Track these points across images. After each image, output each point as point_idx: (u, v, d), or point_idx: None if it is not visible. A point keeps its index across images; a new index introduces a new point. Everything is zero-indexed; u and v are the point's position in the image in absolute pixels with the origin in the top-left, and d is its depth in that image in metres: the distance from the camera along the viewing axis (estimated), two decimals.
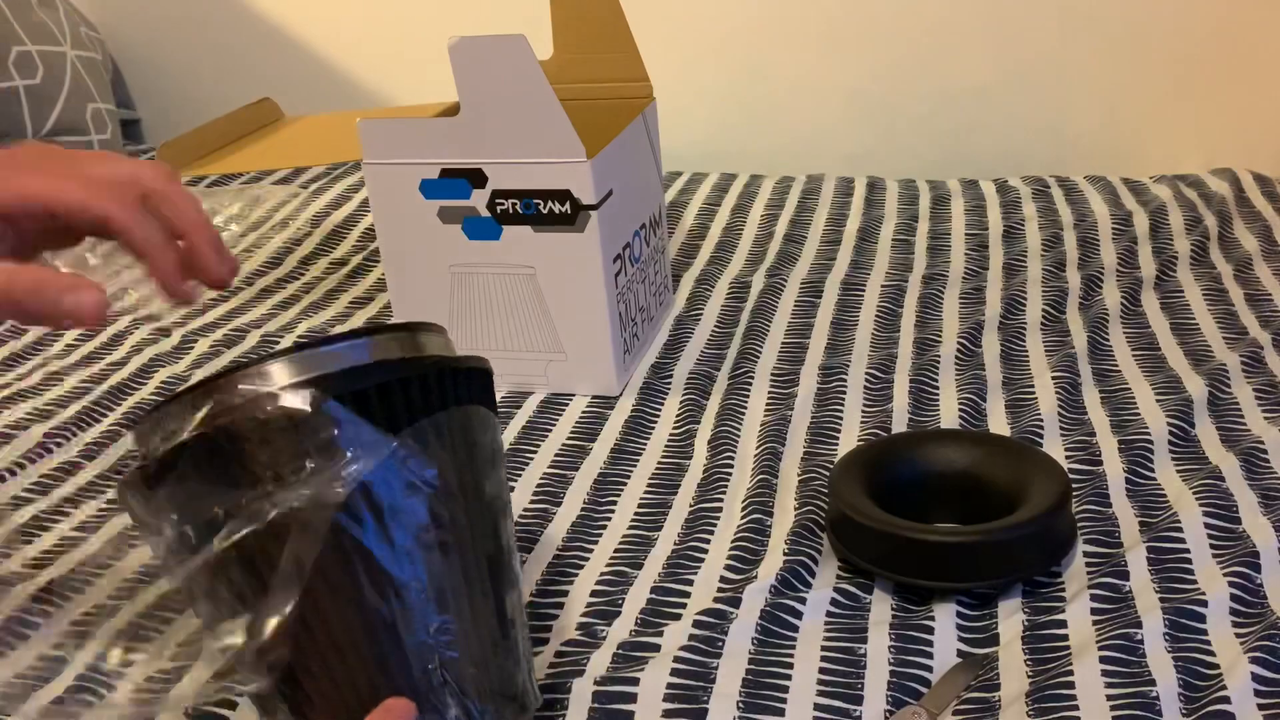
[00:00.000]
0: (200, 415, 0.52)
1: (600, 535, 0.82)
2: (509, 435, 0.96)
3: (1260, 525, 0.76)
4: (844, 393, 0.99)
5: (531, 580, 0.77)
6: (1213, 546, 0.75)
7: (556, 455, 0.92)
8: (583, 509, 0.85)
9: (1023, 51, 1.57)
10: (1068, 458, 0.87)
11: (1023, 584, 0.74)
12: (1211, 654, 0.66)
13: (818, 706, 0.65)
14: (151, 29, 1.90)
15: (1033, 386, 0.98)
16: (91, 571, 0.79)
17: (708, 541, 0.80)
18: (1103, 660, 0.65)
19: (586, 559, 0.79)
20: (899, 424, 0.94)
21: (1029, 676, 0.66)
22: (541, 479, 0.89)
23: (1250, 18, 1.49)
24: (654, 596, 0.75)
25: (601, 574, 0.78)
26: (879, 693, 0.66)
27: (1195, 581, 0.72)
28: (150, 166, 0.60)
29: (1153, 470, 0.85)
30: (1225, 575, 0.71)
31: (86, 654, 0.71)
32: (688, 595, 0.75)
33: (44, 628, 0.74)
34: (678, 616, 0.73)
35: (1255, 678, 0.63)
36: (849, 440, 0.92)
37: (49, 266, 0.53)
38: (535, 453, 0.93)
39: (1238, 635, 0.67)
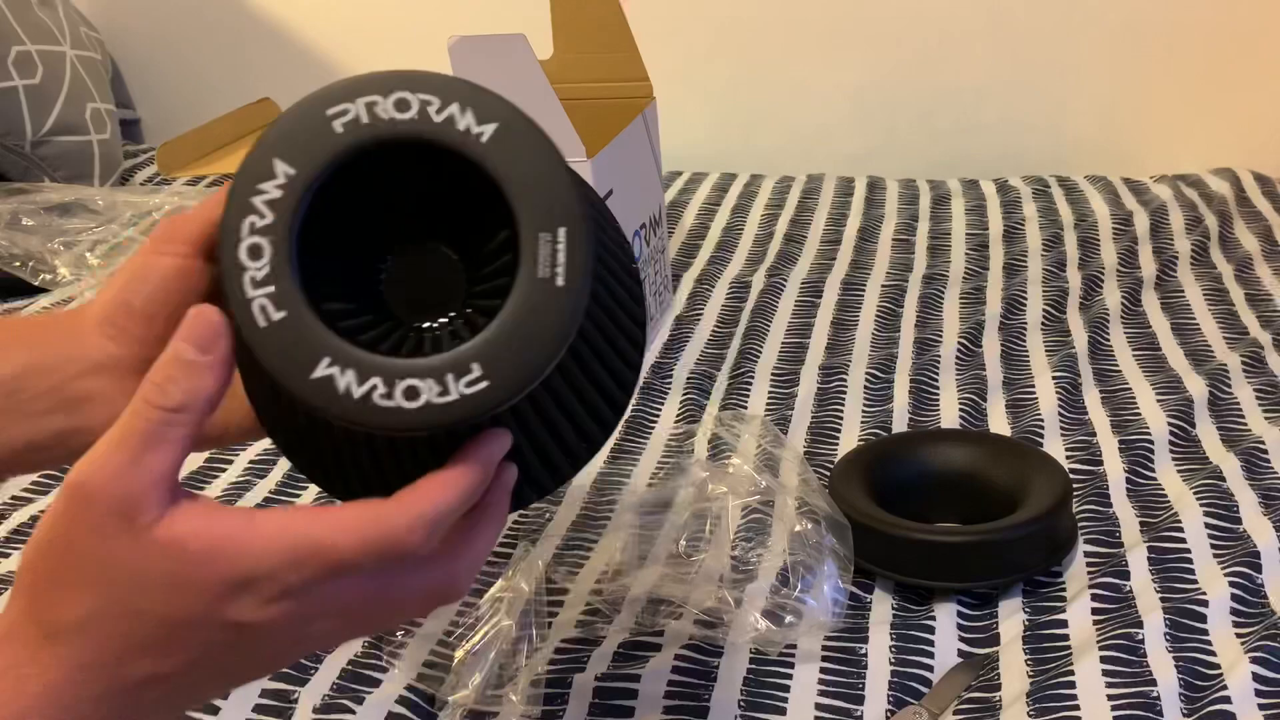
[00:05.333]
0: None
1: (601, 534, 0.82)
2: None
3: (1261, 525, 0.76)
4: (844, 393, 0.99)
5: (534, 578, 0.77)
6: (1213, 546, 0.75)
7: None
8: (583, 508, 0.85)
9: (1023, 51, 1.57)
10: (1068, 458, 0.87)
11: (1023, 584, 0.74)
12: (1212, 654, 0.66)
13: (819, 706, 0.65)
14: (151, 29, 1.90)
15: (1033, 386, 0.97)
16: None
17: (708, 540, 0.80)
18: (1103, 660, 0.65)
19: (587, 558, 0.79)
20: (899, 424, 0.94)
21: (1030, 676, 0.66)
22: None
23: (1250, 17, 1.49)
24: (655, 594, 0.75)
25: (603, 572, 0.78)
26: (880, 692, 0.66)
27: (1196, 581, 0.72)
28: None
29: (1153, 470, 0.85)
30: (1226, 575, 0.71)
31: None
32: (689, 594, 0.75)
33: None
34: (678, 615, 0.73)
35: (1256, 677, 0.63)
36: (849, 440, 0.92)
37: None
38: None
39: (1238, 635, 0.67)
